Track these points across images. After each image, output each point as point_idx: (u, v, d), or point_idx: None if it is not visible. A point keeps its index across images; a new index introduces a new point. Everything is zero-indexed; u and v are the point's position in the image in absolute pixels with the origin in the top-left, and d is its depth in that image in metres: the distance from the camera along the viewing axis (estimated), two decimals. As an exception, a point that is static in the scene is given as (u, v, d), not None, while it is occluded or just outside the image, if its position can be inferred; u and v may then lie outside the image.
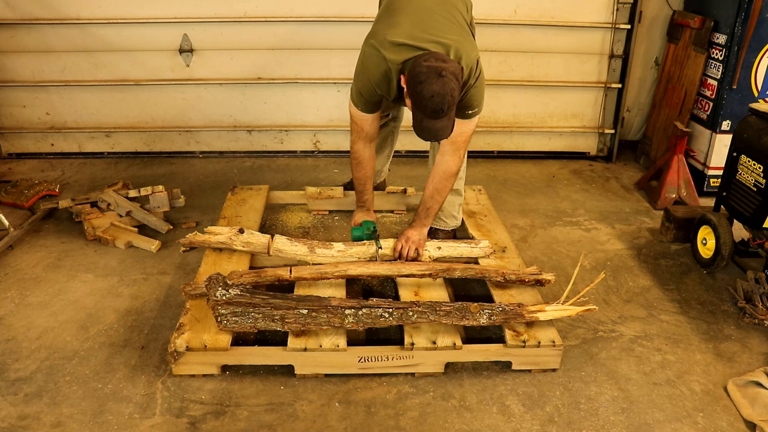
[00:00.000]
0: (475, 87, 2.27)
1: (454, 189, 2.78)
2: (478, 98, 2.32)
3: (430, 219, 2.58)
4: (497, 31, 3.90)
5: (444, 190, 2.51)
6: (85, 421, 1.92)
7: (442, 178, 2.48)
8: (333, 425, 1.93)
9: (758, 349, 2.35)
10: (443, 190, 2.51)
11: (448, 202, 2.78)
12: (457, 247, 2.62)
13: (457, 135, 2.31)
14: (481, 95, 2.32)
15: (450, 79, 2.03)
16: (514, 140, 4.26)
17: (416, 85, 2.04)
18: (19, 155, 4.08)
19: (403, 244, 2.52)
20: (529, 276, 2.39)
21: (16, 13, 3.69)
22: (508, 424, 1.96)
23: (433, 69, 2.03)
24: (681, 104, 3.78)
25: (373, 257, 2.53)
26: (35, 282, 2.63)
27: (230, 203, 3.08)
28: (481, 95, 2.33)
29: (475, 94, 2.29)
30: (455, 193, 2.81)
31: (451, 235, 2.94)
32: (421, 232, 2.55)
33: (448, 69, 2.04)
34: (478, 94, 2.30)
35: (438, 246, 2.59)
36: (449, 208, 2.83)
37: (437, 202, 2.54)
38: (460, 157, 2.46)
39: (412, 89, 2.07)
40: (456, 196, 2.82)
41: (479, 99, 2.32)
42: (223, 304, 2.04)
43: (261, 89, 3.98)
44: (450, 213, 2.85)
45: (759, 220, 2.60)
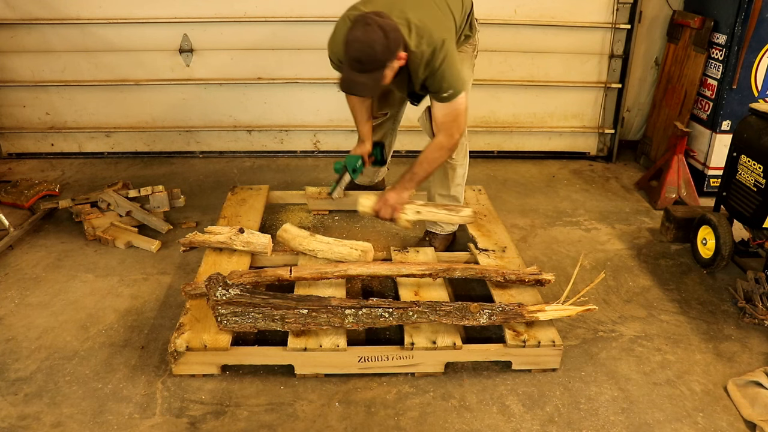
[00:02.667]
0: (444, 68, 2.25)
1: (452, 196, 2.78)
2: (450, 80, 2.28)
3: (413, 184, 2.51)
4: (497, 31, 3.90)
5: (433, 161, 2.47)
6: (85, 421, 1.92)
7: (433, 149, 2.46)
8: (333, 425, 1.93)
9: (758, 349, 2.35)
10: (432, 161, 2.47)
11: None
12: (437, 213, 2.61)
13: (440, 118, 2.34)
14: (453, 77, 2.28)
15: (374, 29, 2.05)
16: (514, 140, 4.26)
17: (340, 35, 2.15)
18: (19, 155, 4.08)
19: (381, 206, 2.49)
20: (529, 276, 2.39)
21: (16, 13, 3.69)
22: (508, 424, 1.96)
23: (363, 18, 2.08)
24: (681, 104, 3.78)
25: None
26: (35, 282, 2.63)
27: (230, 203, 3.08)
28: (454, 78, 2.28)
29: (446, 75, 2.26)
30: (452, 200, 2.80)
31: (449, 240, 2.92)
32: (401, 195, 2.51)
33: (378, 21, 2.07)
34: (449, 75, 2.26)
35: (417, 210, 2.57)
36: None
37: (424, 171, 2.49)
38: (452, 137, 2.42)
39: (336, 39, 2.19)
40: (453, 202, 2.81)
41: (452, 81, 2.28)
42: (223, 304, 2.04)
43: (261, 89, 3.98)
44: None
45: (759, 220, 2.60)
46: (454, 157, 2.68)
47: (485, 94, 4.09)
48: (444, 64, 2.25)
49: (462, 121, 2.41)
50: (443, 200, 2.81)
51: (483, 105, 4.13)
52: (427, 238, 2.88)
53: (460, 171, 2.74)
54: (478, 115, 4.17)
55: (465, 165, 2.76)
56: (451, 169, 2.72)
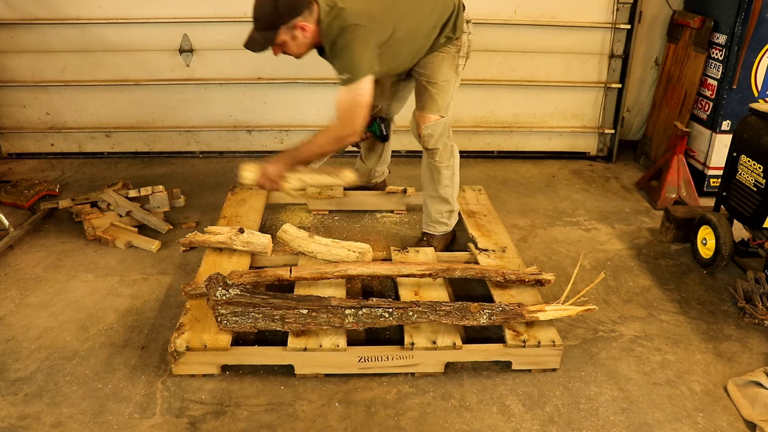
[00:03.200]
0: (345, 50, 2.26)
1: (440, 196, 2.78)
2: (347, 63, 2.27)
3: (294, 161, 2.47)
4: (497, 31, 3.90)
5: (318, 146, 2.43)
6: (85, 421, 1.92)
7: (322, 133, 2.43)
8: (333, 425, 1.93)
9: (758, 349, 2.35)
10: (318, 146, 2.43)
11: (434, 209, 2.81)
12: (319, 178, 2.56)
13: (338, 102, 2.34)
14: (352, 62, 2.27)
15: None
16: (514, 140, 4.26)
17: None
18: (19, 155, 4.08)
19: (260, 177, 2.47)
20: (529, 276, 2.39)
21: (16, 13, 3.69)
22: (508, 424, 1.96)
23: None
24: (681, 104, 3.78)
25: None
26: (35, 282, 2.63)
27: (230, 203, 3.08)
28: (353, 63, 2.27)
29: (344, 57, 2.27)
30: (442, 201, 2.79)
31: (447, 239, 2.91)
32: (278, 168, 2.45)
33: None
34: (347, 59, 2.27)
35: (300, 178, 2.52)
36: (436, 215, 2.82)
37: (307, 151, 2.44)
38: (342, 128, 2.37)
39: None
40: (442, 203, 2.80)
41: (349, 65, 2.27)
42: (223, 304, 2.04)
43: (261, 89, 3.98)
44: (437, 219, 2.84)
45: (759, 220, 2.60)
46: (438, 158, 2.67)
47: (485, 94, 4.10)
48: (345, 46, 2.26)
49: (357, 115, 2.34)
50: (432, 201, 2.81)
51: (483, 105, 4.13)
52: (425, 239, 2.88)
53: (445, 173, 2.72)
54: (478, 115, 4.17)
55: (452, 167, 2.73)
56: (436, 171, 2.71)
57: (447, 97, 2.61)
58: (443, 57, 2.57)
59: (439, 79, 2.57)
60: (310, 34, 2.32)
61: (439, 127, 2.61)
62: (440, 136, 2.63)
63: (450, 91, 2.61)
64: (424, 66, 2.59)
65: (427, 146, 2.66)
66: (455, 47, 2.58)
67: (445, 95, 2.60)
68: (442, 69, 2.57)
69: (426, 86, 2.60)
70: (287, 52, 2.40)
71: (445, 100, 2.61)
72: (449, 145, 2.69)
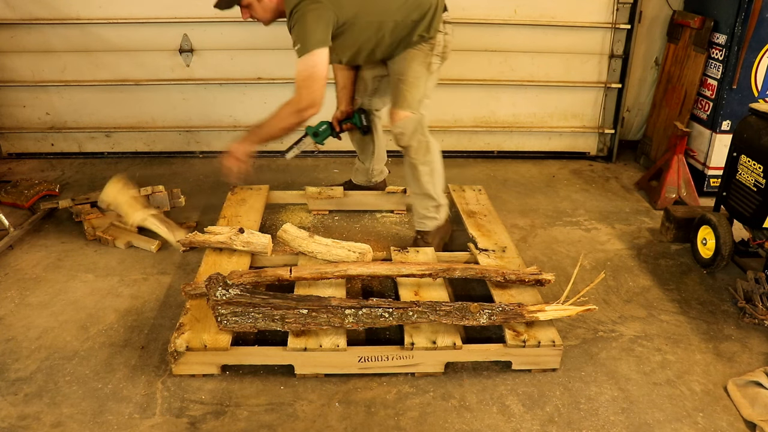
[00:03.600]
0: (298, 19, 2.37)
1: (423, 193, 2.77)
2: (298, 33, 2.38)
3: (256, 137, 2.56)
4: (497, 31, 3.90)
5: (279, 118, 2.50)
6: (85, 421, 1.92)
7: (282, 106, 2.50)
8: (333, 425, 1.93)
9: (758, 349, 2.35)
10: (278, 118, 2.50)
11: (420, 206, 2.81)
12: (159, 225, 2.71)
13: (296, 74, 2.42)
14: (301, 31, 2.37)
15: None
16: (514, 140, 4.26)
17: None
18: (19, 155, 4.08)
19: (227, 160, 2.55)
20: (529, 276, 2.39)
21: (16, 13, 3.69)
22: (508, 424, 1.96)
23: None
24: (681, 104, 3.78)
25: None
26: (35, 282, 2.63)
27: (230, 203, 3.08)
28: (303, 32, 2.36)
29: (297, 26, 2.38)
30: (425, 197, 2.78)
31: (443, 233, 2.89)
32: (243, 144, 2.55)
33: None
34: (299, 28, 2.37)
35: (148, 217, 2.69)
36: (423, 211, 2.82)
37: (269, 126, 2.53)
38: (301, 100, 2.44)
39: None
40: (427, 199, 2.79)
41: (300, 35, 2.37)
42: (223, 304, 2.04)
43: (261, 89, 3.98)
44: (424, 215, 2.82)
45: (759, 220, 2.59)
46: (413, 155, 2.67)
47: (485, 94, 4.10)
48: (301, 17, 2.35)
49: (313, 87, 2.41)
50: (416, 198, 2.80)
51: (483, 105, 4.13)
52: (419, 237, 2.86)
53: (423, 168, 2.71)
54: (478, 115, 4.17)
55: (429, 162, 2.72)
56: (413, 168, 2.71)
57: (417, 94, 2.62)
58: (415, 54, 2.60)
59: (410, 75, 2.59)
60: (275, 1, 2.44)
61: (410, 123, 2.61)
62: (413, 133, 2.63)
63: (420, 87, 2.62)
64: (396, 62, 2.63)
65: (400, 143, 2.67)
66: (429, 45, 2.60)
67: (415, 92, 2.61)
68: (413, 66, 2.59)
69: (397, 83, 2.63)
70: (254, 16, 2.52)
71: (415, 97, 2.61)
72: (424, 141, 2.68)
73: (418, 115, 2.63)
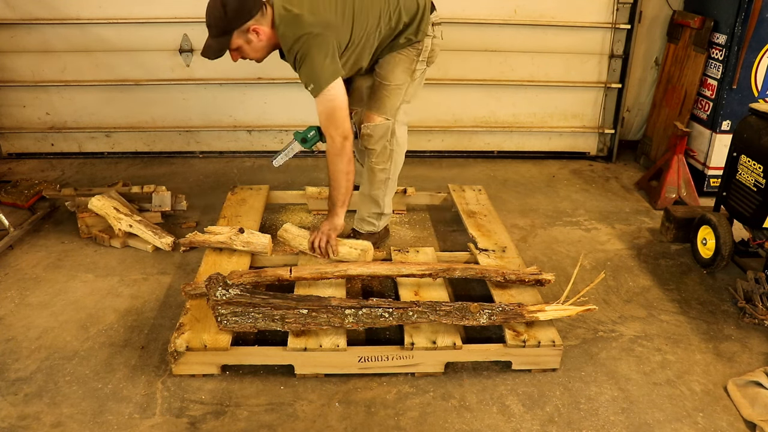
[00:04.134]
0: (303, 60, 2.28)
1: (371, 197, 2.74)
2: (309, 74, 2.29)
3: (337, 208, 2.53)
4: (497, 31, 3.90)
5: (334, 174, 2.47)
6: (85, 421, 1.92)
7: (329, 161, 2.47)
8: (333, 425, 1.93)
9: (758, 349, 2.35)
10: (334, 174, 2.47)
11: (364, 208, 2.78)
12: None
13: (318, 114, 2.38)
14: (313, 72, 2.28)
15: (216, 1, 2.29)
16: (514, 140, 4.26)
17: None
18: (19, 155, 4.08)
19: (315, 236, 2.54)
20: (530, 276, 2.39)
21: (16, 13, 3.69)
22: (508, 424, 1.96)
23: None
24: (681, 104, 3.78)
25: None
26: (35, 282, 2.63)
27: (230, 203, 3.08)
28: (314, 73, 2.28)
29: (305, 68, 2.29)
30: (372, 201, 2.76)
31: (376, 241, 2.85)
32: (332, 222, 2.54)
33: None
34: (308, 69, 2.29)
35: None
36: (363, 212, 2.81)
37: (334, 188, 2.50)
38: (333, 139, 2.40)
39: None
40: (371, 204, 2.77)
41: (312, 76, 2.29)
42: (223, 304, 2.04)
43: (261, 89, 3.98)
44: (364, 218, 2.82)
45: (759, 220, 2.59)
46: (374, 159, 2.65)
47: (485, 94, 4.10)
48: (305, 56, 2.27)
49: (338, 119, 2.36)
50: (363, 199, 2.78)
51: (483, 105, 4.13)
52: (352, 234, 2.85)
53: (380, 175, 2.69)
54: (478, 115, 4.17)
55: (387, 170, 2.69)
56: (371, 171, 2.69)
57: (396, 101, 2.59)
58: (400, 59, 2.55)
59: (392, 82, 2.56)
60: (265, 38, 2.33)
61: (380, 129, 2.59)
62: (380, 138, 2.61)
63: (400, 95, 2.59)
64: (381, 65, 2.58)
65: (366, 145, 2.64)
66: (415, 50, 2.55)
67: (394, 99, 2.58)
68: (396, 72, 2.55)
69: (378, 86, 2.60)
70: (245, 56, 2.41)
71: (394, 104, 2.59)
72: (389, 149, 2.65)
73: (391, 122, 2.60)
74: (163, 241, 2.83)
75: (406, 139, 2.72)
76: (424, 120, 4.13)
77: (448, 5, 3.80)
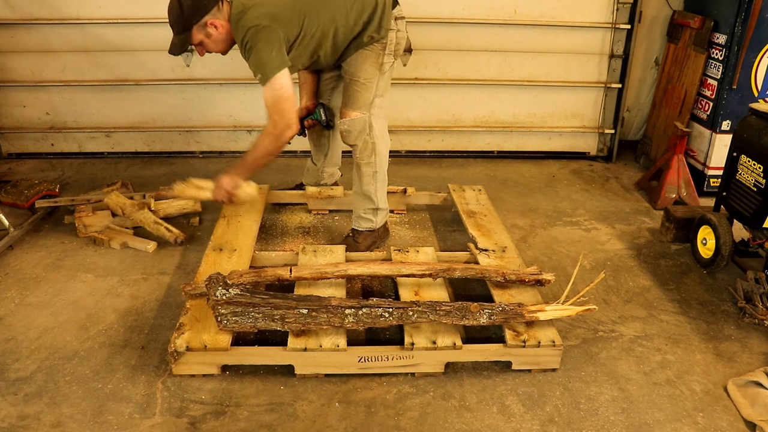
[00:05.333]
0: (250, 51, 2.39)
1: (363, 193, 2.78)
2: (256, 63, 2.39)
3: (244, 170, 2.60)
4: (497, 31, 3.90)
5: (260, 148, 2.55)
6: (85, 421, 1.92)
7: (261, 136, 2.55)
8: (333, 425, 1.93)
9: (758, 349, 2.35)
10: (259, 148, 2.55)
11: (359, 205, 2.82)
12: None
13: (265, 102, 2.46)
14: (260, 62, 2.38)
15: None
16: (514, 140, 4.26)
17: None
18: (19, 155, 4.08)
19: (217, 190, 2.60)
20: (530, 276, 2.39)
21: (16, 13, 3.69)
22: (508, 424, 1.96)
23: None
24: (681, 104, 3.78)
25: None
26: (35, 282, 2.63)
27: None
28: (261, 63, 2.38)
29: (253, 59, 2.40)
30: (364, 197, 2.79)
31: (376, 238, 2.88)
32: (233, 179, 2.59)
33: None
34: (255, 59, 2.39)
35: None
36: (359, 209, 2.83)
37: (252, 157, 2.57)
38: (276, 125, 2.47)
39: None
40: (365, 200, 2.79)
41: (258, 65, 2.39)
42: (223, 304, 2.04)
43: (261, 89, 3.96)
44: (359, 215, 2.84)
45: (759, 220, 2.60)
46: (358, 155, 2.71)
47: (485, 94, 4.10)
48: (252, 47, 2.38)
49: (284, 108, 2.44)
50: (356, 197, 2.82)
51: (483, 105, 4.13)
52: (351, 234, 2.87)
53: (365, 169, 2.72)
54: (478, 115, 4.17)
55: (373, 164, 2.72)
56: (357, 167, 2.74)
57: (369, 95, 2.64)
58: (366, 55, 2.60)
59: (361, 77, 2.61)
60: (224, 31, 2.46)
61: (358, 123, 2.64)
62: (359, 133, 2.66)
63: (372, 89, 2.64)
64: (348, 63, 2.64)
65: (346, 141, 2.72)
66: (380, 45, 2.60)
67: (366, 93, 2.63)
68: (365, 67, 2.61)
69: (349, 83, 2.66)
70: (209, 50, 2.55)
71: (367, 98, 2.64)
72: (370, 142, 2.69)
73: (367, 116, 2.65)
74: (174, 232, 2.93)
75: (387, 132, 2.78)
76: (424, 120, 4.14)
77: (448, 5, 3.82)
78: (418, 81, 4.00)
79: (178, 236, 2.92)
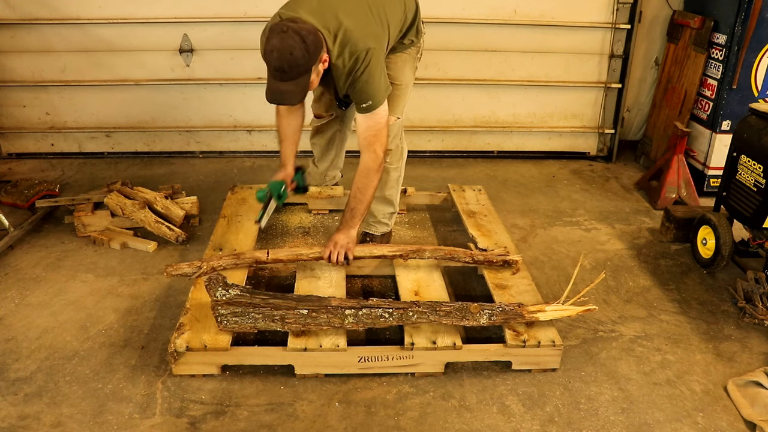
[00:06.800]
0: (365, 78, 2.21)
1: (385, 198, 2.72)
2: (369, 91, 2.23)
3: (356, 220, 2.44)
4: (497, 31, 3.90)
5: (366, 188, 2.39)
6: (85, 421, 1.92)
7: (361, 176, 2.39)
8: (333, 425, 1.93)
9: (758, 349, 2.35)
10: (365, 188, 2.40)
11: (378, 210, 2.75)
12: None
13: (363, 132, 2.31)
14: (373, 89, 2.23)
15: (291, 35, 2.03)
16: (514, 140, 4.26)
17: (262, 44, 2.13)
18: (19, 155, 4.07)
19: (331, 250, 2.44)
20: (497, 257, 2.45)
21: (16, 13, 3.69)
22: (508, 424, 1.96)
23: (279, 26, 2.06)
24: (681, 104, 3.78)
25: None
26: (35, 282, 2.63)
27: (230, 202, 3.08)
28: (375, 89, 2.23)
29: (366, 86, 2.22)
30: (386, 202, 2.74)
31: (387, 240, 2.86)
32: (348, 234, 2.44)
33: (294, 28, 2.04)
34: (369, 87, 2.22)
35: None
36: (378, 215, 2.78)
37: (360, 202, 2.41)
38: (377, 155, 2.34)
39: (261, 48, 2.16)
40: (386, 205, 2.76)
41: (372, 93, 2.23)
42: (223, 305, 2.04)
43: (261, 89, 3.89)
44: (379, 220, 2.80)
45: (759, 220, 2.59)
46: (389, 160, 2.61)
47: (485, 94, 4.10)
48: (365, 75, 2.20)
49: (384, 135, 2.33)
50: (377, 202, 2.72)
51: (483, 105, 4.13)
52: (368, 239, 2.84)
53: (393, 174, 2.69)
54: (478, 115, 4.17)
55: (400, 168, 2.71)
56: (385, 172, 2.63)
57: (405, 100, 2.60)
58: (406, 58, 2.56)
59: (402, 81, 2.55)
60: (326, 64, 2.21)
61: (394, 128, 2.57)
62: (394, 138, 2.59)
63: (408, 93, 2.60)
64: (389, 67, 2.48)
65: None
66: (416, 49, 2.58)
67: (404, 98, 2.58)
68: (405, 70, 2.55)
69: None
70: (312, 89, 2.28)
71: (402, 103, 2.59)
72: (401, 146, 2.67)
73: (401, 120, 2.61)
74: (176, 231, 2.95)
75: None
76: (424, 120, 4.14)
77: (448, 5, 3.82)
78: (418, 81, 3.98)
79: (179, 235, 2.92)
